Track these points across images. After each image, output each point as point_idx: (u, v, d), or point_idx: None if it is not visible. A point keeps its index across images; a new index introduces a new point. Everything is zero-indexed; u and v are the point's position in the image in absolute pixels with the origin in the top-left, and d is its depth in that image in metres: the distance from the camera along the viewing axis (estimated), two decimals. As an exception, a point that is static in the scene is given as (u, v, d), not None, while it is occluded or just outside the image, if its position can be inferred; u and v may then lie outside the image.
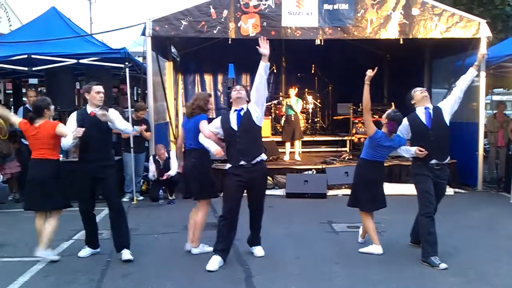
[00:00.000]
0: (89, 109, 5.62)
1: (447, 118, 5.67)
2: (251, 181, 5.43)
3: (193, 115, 5.68)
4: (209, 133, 5.49)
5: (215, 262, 5.31)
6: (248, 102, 5.52)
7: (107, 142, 5.77)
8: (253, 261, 5.55)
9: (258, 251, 5.80)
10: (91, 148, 5.55)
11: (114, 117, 5.59)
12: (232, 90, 5.64)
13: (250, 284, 4.91)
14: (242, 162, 5.39)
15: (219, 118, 5.69)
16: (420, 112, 5.67)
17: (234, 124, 5.44)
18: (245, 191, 5.52)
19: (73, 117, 5.67)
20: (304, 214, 7.38)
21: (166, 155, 8.92)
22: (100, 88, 5.69)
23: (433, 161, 5.56)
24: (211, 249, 5.59)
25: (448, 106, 5.72)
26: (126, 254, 5.56)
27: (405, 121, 5.76)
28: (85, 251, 5.78)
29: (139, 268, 5.35)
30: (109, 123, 5.55)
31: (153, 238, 6.19)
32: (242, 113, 5.45)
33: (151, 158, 8.97)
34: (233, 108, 5.55)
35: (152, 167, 8.81)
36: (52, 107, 5.68)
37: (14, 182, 9.09)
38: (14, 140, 8.92)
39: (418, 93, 5.73)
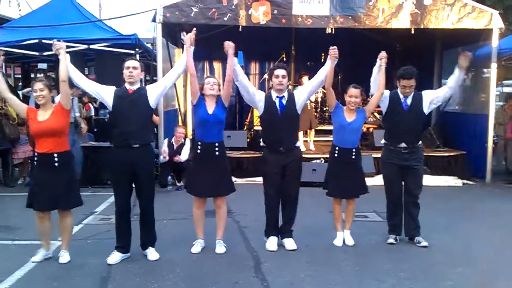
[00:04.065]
0: (127, 85, 5.12)
1: (426, 106, 5.70)
2: (287, 166, 5.61)
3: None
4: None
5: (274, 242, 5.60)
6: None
7: (146, 125, 5.19)
8: (262, 248, 5.58)
9: (289, 243, 5.64)
10: (128, 131, 4.98)
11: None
12: (273, 77, 5.60)
13: (258, 271, 4.95)
14: (281, 149, 5.56)
15: (263, 92, 5.79)
16: (401, 95, 5.75)
17: (278, 110, 5.55)
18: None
19: (111, 91, 5.12)
20: (313, 203, 7.38)
21: (182, 140, 8.99)
22: (130, 62, 5.10)
23: (402, 145, 5.66)
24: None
25: (431, 97, 5.73)
26: (153, 254, 5.22)
27: (387, 92, 5.81)
28: (116, 257, 5.11)
29: (148, 253, 5.37)
30: (149, 99, 5.07)
31: (162, 223, 6.21)
32: (284, 101, 5.57)
33: (166, 141, 9.03)
34: (274, 94, 5.61)
35: (165, 149, 8.83)
36: None
37: (25, 166, 9.15)
38: (24, 123, 8.96)
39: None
